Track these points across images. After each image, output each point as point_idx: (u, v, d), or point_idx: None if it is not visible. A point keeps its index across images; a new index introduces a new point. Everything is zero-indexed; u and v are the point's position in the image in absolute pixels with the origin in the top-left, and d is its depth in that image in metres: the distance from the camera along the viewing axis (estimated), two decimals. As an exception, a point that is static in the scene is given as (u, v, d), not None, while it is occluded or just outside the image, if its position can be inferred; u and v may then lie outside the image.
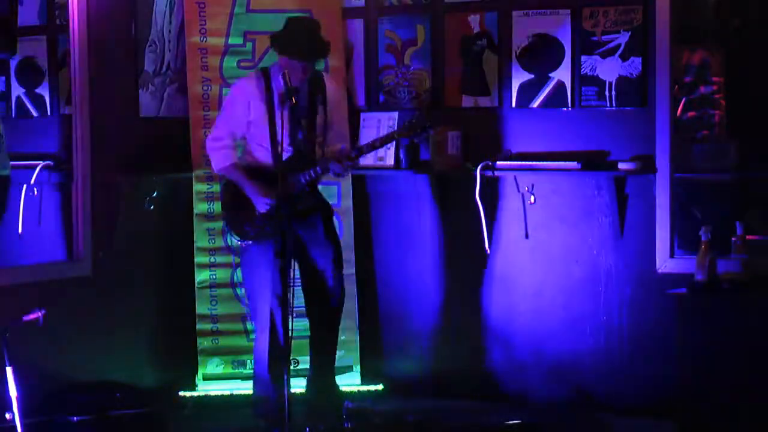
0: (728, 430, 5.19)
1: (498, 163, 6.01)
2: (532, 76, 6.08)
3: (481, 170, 6.03)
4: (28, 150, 5.99)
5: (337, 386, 5.70)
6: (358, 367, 6.31)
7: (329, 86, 5.54)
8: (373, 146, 5.41)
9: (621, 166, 5.78)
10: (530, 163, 6.00)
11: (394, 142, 6.26)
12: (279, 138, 5.08)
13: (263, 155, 5.42)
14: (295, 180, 5.33)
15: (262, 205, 5.36)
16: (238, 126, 5.45)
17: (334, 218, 5.68)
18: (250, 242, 5.45)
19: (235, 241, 5.64)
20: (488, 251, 6.14)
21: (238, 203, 5.45)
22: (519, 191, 6.10)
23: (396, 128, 5.56)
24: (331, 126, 5.52)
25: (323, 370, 5.62)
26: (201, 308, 6.20)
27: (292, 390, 5.06)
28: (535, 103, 6.08)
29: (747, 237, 5.42)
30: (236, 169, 5.46)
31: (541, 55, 6.04)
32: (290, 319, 4.99)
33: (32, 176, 5.84)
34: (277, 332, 5.32)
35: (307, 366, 5.71)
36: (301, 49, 5.30)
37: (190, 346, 6.19)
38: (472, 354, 6.29)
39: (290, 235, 5.13)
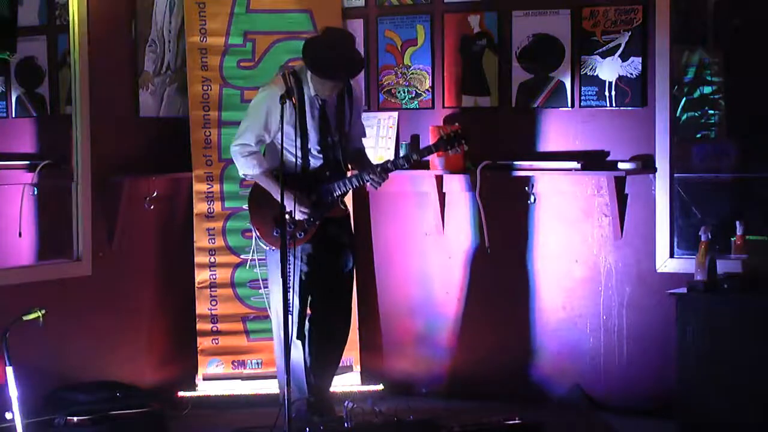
0: (728, 430, 5.19)
1: (498, 162, 6.02)
2: (532, 76, 6.08)
3: (481, 170, 6.04)
4: (28, 150, 5.99)
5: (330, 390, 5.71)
6: (358, 367, 6.31)
7: (354, 88, 5.52)
8: (409, 159, 5.41)
9: (621, 166, 5.78)
10: (530, 163, 6.01)
11: (394, 142, 6.31)
12: (309, 145, 5.25)
13: (290, 164, 5.31)
14: (330, 188, 5.36)
15: (298, 213, 5.32)
16: (268, 132, 5.34)
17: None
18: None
19: (263, 245, 5.54)
20: (488, 251, 6.14)
21: (267, 210, 5.38)
22: (519, 191, 6.09)
23: (432, 142, 5.53)
24: (353, 125, 5.52)
25: (326, 369, 5.62)
26: (201, 308, 6.20)
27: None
28: (535, 103, 6.08)
29: (747, 237, 5.42)
30: (268, 176, 5.36)
31: (541, 55, 6.04)
32: (290, 320, 5.01)
33: (32, 176, 5.84)
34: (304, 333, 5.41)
35: None
36: (321, 66, 5.21)
37: (190, 346, 6.19)
38: (472, 354, 6.29)
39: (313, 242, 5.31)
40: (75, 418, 5.21)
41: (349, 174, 5.47)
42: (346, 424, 5.31)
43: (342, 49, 5.26)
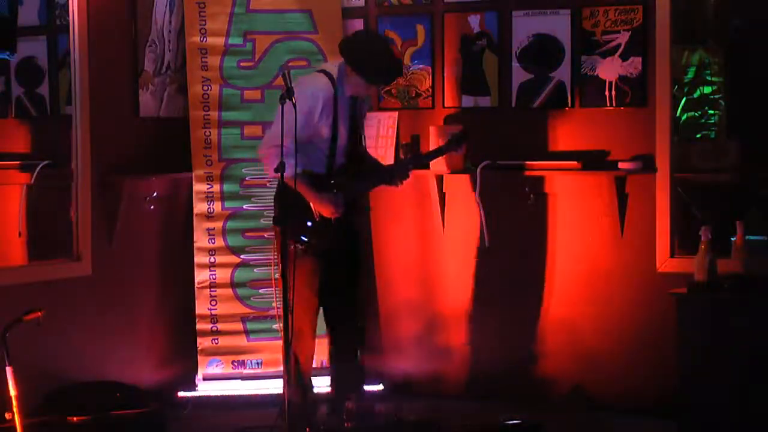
0: (728, 430, 5.19)
1: (498, 162, 6.03)
2: (532, 76, 6.08)
3: (481, 170, 6.04)
4: (28, 150, 5.99)
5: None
6: (358, 367, 6.32)
7: None
8: (426, 158, 5.61)
9: (621, 165, 5.78)
10: (530, 162, 6.01)
11: (394, 142, 6.31)
12: (339, 147, 5.28)
13: (319, 162, 5.30)
14: (358, 186, 5.39)
15: (334, 214, 5.32)
16: (306, 134, 5.16)
17: None
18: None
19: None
20: (488, 251, 6.14)
21: (293, 212, 5.24)
22: (519, 191, 6.09)
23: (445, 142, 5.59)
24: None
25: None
26: (201, 308, 6.20)
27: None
28: (535, 103, 6.08)
29: (747, 237, 5.42)
30: (302, 178, 5.16)
31: (541, 55, 6.04)
32: (291, 318, 5.00)
33: (32, 176, 5.84)
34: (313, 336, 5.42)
35: None
36: (378, 72, 5.27)
37: (190, 346, 6.19)
38: (472, 354, 6.29)
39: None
40: (75, 418, 5.21)
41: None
42: (346, 424, 5.31)
43: (390, 53, 5.38)
